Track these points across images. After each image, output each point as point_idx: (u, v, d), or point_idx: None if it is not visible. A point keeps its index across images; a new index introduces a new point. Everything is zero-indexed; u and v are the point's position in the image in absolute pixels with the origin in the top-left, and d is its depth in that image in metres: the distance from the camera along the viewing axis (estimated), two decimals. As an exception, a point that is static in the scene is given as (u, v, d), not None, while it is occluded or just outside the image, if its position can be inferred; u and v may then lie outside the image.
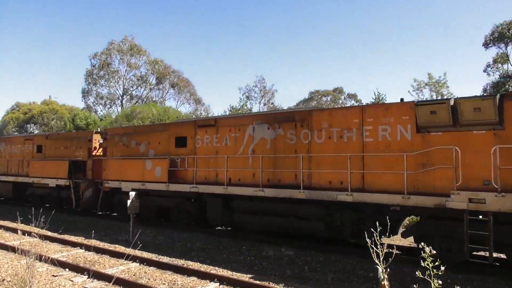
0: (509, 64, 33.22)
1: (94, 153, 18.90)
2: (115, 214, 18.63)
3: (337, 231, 10.99)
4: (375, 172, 10.33)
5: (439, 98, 24.56)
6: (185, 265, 9.66)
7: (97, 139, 19.02)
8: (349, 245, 11.58)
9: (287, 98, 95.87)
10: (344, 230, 10.80)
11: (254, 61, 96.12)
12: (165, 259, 10.43)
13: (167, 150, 15.37)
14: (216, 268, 9.57)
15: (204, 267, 9.53)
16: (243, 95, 51.58)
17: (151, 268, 9.61)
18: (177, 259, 10.39)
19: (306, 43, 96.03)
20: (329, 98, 58.80)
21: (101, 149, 18.88)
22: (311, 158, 11.61)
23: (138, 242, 10.59)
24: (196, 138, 14.52)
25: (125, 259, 9.56)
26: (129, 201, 13.42)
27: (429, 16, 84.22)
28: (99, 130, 19.82)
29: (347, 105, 23.08)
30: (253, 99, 50.80)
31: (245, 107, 40.96)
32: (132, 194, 13.59)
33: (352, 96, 57.67)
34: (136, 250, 10.56)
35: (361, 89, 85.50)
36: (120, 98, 54.99)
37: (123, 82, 54.84)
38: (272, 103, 51.91)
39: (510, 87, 27.67)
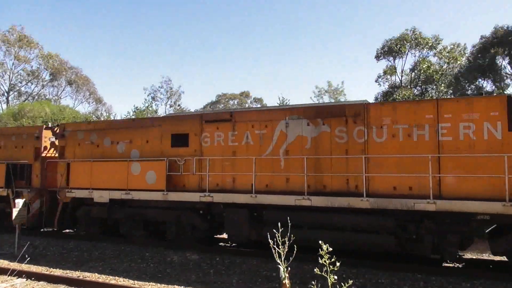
0: (396, 75, 36.10)
1: (44, 154, 14.97)
2: (68, 230, 14.98)
3: (414, 246, 9.35)
4: (464, 176, 8.89)
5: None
6: (81, 277, 8.95)
7: (47, 137, 15.11)
8: (253, 247, 11.49)
9: (194, 101, 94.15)
10: (424, 244, 9.19)
11: (160, 62, 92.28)
12: (57, 271, 9.53)
13: (159, 151, 12.46)
14: (117, 277, 9.00)
15: (102, 278, 8.97)
16: (148, 95, 49.88)
17: (41, 282, 8.60)
18: (72, 271, 9.60)
19: (213, 47, 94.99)
20: (236, 102, 58.60)
21: (53, 149, 15.06)
22: (369, 160, 9.86)
23: (26, 256, 9.81)
24: (203, 135, 11.90)
25: (9, 275, 8.69)
26: (15, 211, 11.81)
27: (332, 26, 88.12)
28: (49, 125, 15.87)
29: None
30: (159, 100, 49.03)
31: (150, 109, 39.44)
32: (20, 202, 11.90)
33: (258, 100, 58.32)
34: (23, 264, 9.63)
35: (267, 93, 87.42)
36: (6, 94, 48.58)
37: (9, 76, 48.48)
38: (179, 105, 50.64)
39: (397, 97, 29.96)
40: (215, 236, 12.82)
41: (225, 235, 12.45)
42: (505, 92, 27.21)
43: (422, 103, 9.98)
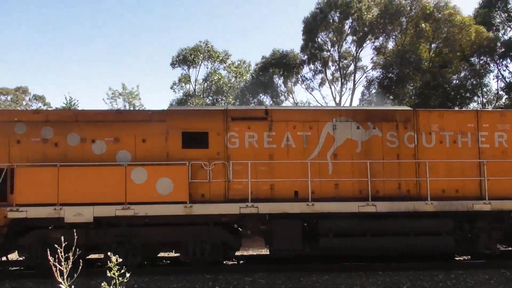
0: (190, 84, 38.68)
1: None
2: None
3: (470, 244, 10.07)
4: (503, 179, 10.14)
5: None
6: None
7: None
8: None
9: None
10: (479, 241, 10.00)
11: None
12: None
13: (163, 152, 9.89)
14: None
15: None
16: None
17: None
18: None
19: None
20: (9, 97, 52.01)
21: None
22: (419, 165, 10.20)
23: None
24: (229, 135, 10.04)
25: None
26: None
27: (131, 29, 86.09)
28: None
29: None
30: None
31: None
32: None
33: (40, 98, 53.33)
34: None
35: (52, 92, 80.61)
36: None
37: None
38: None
39: (191, 104, 33.43)
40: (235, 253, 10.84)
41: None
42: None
43: (466, 113, 10.96)
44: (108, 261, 3.92)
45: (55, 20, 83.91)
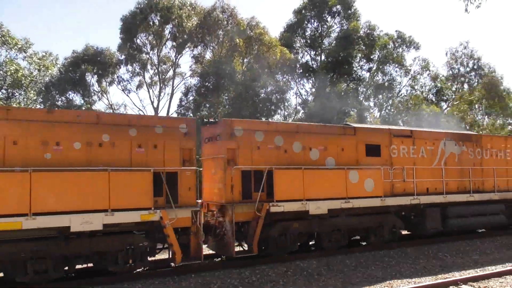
0: None
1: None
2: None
3: None
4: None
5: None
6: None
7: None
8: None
9: None
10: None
11: None
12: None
13: (354, 159, 13.00)
14: None
15: None
16: None
17: None
18: None
19: None
20: None
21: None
22: (483, 170, 15.80)
23: None
24: (392, 147, 13.76)
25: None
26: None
27: None
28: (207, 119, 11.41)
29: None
30: None
31: None
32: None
33: None
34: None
35: None
36: None
37: None
38: None
39: None
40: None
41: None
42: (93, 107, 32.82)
43: (504, 137, 17.06)
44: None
45: None
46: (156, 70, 33.94)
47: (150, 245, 9.86)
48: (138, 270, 9.92)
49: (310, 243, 12.80)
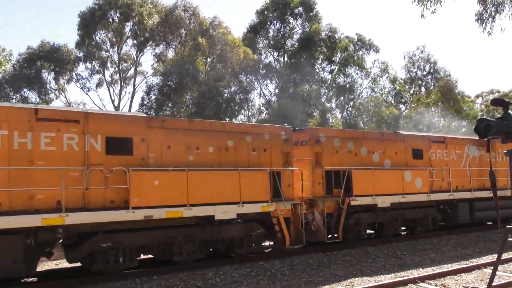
0: None
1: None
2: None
3: None
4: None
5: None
6: None
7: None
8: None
9: None
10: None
11: None
12: None
13: (404, 161, 15.49)
14: None
15: None
16: None
17: None
18: None
19: None
20: None
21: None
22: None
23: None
24: (431, 151, 16.35)
25: None
26: None
27: None
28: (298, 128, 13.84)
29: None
30: None
31: None
32: None
33: None
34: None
35: None
36: None
37: None
38: None
39: None
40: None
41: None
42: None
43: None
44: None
45: None
46: (116, 68, 33.10)
47: (265, 232, 11.87)
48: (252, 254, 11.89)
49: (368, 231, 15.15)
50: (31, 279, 9.95)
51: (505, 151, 6.22)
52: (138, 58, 33.18)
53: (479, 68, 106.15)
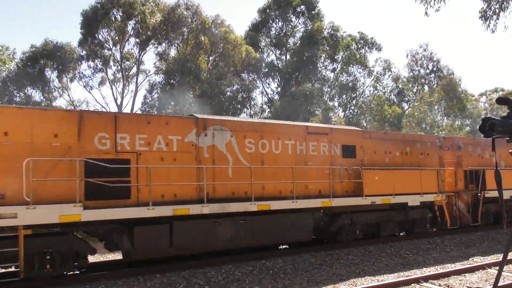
0: None
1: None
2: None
3: None
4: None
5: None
6: None
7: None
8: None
9: None
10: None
11: None
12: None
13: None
14: None
15: None
16: None
17: None
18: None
19: None
20: None
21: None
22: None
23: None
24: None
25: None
26: None
27: None
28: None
29: None
30: None
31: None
32: None
33: None
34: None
35: None
36: None
37: None
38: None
39: None
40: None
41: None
42: (53, 104, 32.03)
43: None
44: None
45: None
46: (119, 67, 33.20)
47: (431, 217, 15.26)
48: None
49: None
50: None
51: (511, 151, 6.24)
52: (141, 57, 33.05)
53: (483, 66, 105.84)
